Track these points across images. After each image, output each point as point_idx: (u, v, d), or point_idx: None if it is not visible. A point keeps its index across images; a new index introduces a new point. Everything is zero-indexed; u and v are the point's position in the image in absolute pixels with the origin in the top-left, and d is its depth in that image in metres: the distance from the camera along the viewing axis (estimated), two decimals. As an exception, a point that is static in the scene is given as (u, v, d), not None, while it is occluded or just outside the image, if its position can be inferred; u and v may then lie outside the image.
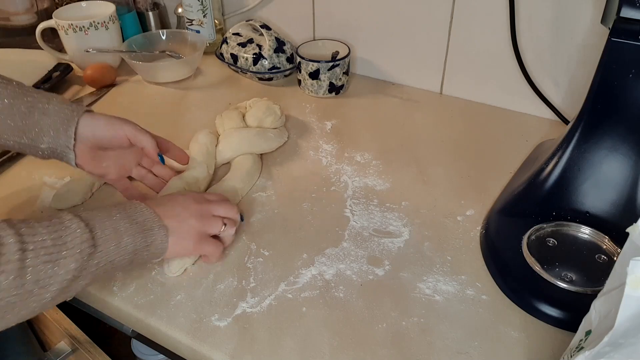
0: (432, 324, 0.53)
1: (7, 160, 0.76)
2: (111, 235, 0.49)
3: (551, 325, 0.52)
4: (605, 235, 0.58)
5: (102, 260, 0.48)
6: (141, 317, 0.55)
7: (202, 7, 0.99)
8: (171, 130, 0.83)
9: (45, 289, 0.44)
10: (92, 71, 0.94)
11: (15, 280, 0.42)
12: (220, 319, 0.54)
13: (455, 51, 0.87)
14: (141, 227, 0.52)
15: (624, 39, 0.53)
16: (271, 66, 0.93)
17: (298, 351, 0.51)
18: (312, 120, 0.86)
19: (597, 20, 0.72)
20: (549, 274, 0.54)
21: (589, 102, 0.58)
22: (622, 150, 0.57)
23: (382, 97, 0.92)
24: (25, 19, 1.07)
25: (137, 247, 0.51)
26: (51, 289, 0.44)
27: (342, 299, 0.56)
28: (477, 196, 0.69)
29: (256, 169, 0.73)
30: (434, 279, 0.58)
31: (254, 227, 0.65)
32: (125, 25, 1.05)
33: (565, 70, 0.79)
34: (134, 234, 0.51)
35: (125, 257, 0.50)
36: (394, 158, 0.76)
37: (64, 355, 0.65)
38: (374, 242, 0.62)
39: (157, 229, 0.53)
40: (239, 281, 0.58)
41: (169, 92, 0.95)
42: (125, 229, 0.50)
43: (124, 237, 0.50)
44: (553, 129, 0.81)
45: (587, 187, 0.59)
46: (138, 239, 0.51)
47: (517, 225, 0.60)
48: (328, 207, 0.68)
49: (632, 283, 0.34)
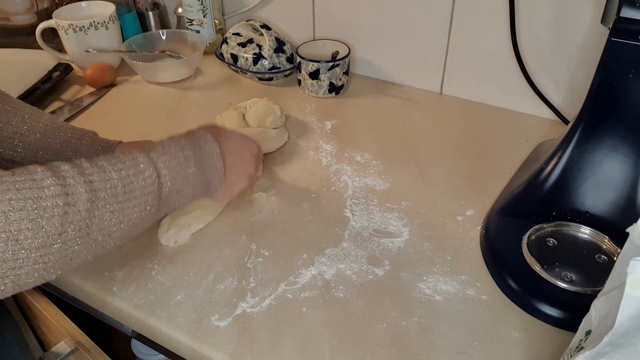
0: (432, 324, 0.53)
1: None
2: (178, 185, 0.51)
3: (551, 325, 0.52)
4: (605, 235, 0.58)
5: (163, 209, 0.50)
6: (141, 317, 0.55)
7: (202, 7, 0.99)
8: (171, 131, 0.82)
9: (108, 237, 0.45)
10: (92, 71, 0.94)
11: (82, 230, 0.42)
12: (220, 319, 0.54)
13: (455, 51, 0.87)
14: (205, 178, 0.54)
15: (624, 39, 0.53)
16: (271, 66, 0.93)
17: (298, 351, 0.51)
18: (312, 120, 0.86)
19: (597, 20, 0.72)
20: (549, 274, 0.54)
21: (589, 102, 0.58)
22: (622, 150, 0.57)
23: (382, 97, 0.92)
24: (25, 19, 1.07)
25: (195, 195, 0.54)
26: (114, 236, 0.45)
27: (342, 299, 0.56)
28: (477, 196, 0.69)
29: None
30: (434, 279, 0.58)
31: (254, 227, 0.65)
32: (125, 25, 1.05)
33: (565, 70, 0.79)
34: (197, 186, 0.53)
35: (183, 202, 0.53)
36: (394, 158, 0.76)
37: (64, 355, 0.65)
38: (374, 242, 0.62)
39: (217, 181, 0.56)
40: (239, 281, 0.58)
41: (169, 92, 0.95)
42: (192, 180, 0.52)
43: (187, 188, 0.52)
44: (553, 129, 0.81)
45: (587, 187, 0.59)
46: (198, 190, 0.54)
47: (517, 225, 0.60)
48: (328, 207, 0.68)
49: (632, 283, 0.34)
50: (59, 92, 0.95)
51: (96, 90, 0.95)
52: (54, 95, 0.94)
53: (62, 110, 0.89)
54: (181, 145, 0.52)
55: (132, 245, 0.63)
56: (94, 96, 0.93)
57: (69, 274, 0.60)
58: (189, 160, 0.52)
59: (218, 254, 0.61)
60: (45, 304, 0.68)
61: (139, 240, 0.63)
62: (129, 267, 0.60)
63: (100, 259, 0.60)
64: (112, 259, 0.61)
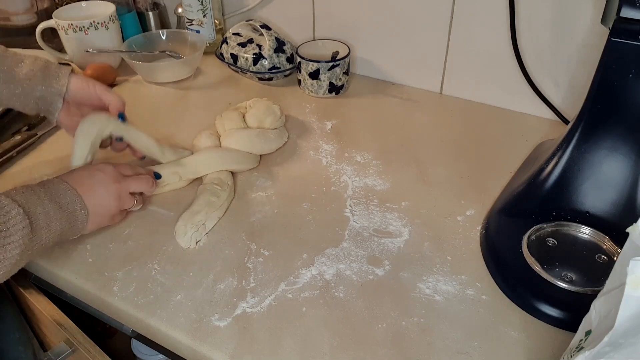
0: (432, 324, 0.53)
1: (7, 160, 0.76)
2: (44, 220, 0.52)
3: (551, 325, 0.52)
4: (605, 235, 0.58)
5: (37, 244, 0.52)
6: (141, 317, 0.55)
7: (202, 7, 0.99)
8: (171, 130, 0.83)
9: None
10: (92, 71, 0.94)
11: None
12: (220, 319, 0.54)
13: (455, 51, 0.87)
14: (66, 211, 0.55)
15: (624, 39, 0.53)
16: (271, 66, 0.93)
17: (298, 351, 0.51)
18: (312, 120, 0.86)
19: (597, 20, 0.72)
20: (549, 274, 0.54)
21: (589, 102, 0.58)
22: (622, 150, 0.57)
23: (382, 97, 0.92)
24: (25, 19, 1.07)
25: (63, 230, 0.55)
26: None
27: (342, 299, 0.56)
28: (477, 196, 0.69)
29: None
30: (434, 279, 0.58)
31: (254, 227, 0.65)
32: (125, 25, 1.05)
33: (565, 70, 0.79)
34: (61, 218, 0.55)
35: (53, 239, 0.55)
36: (394, 158, 0.76)
37: (64, 355, 0.65)
38: (374, 242, 0.62)
39: (80, 211, 0.57)
40: (239, 281, 0.58)
41: (169, 92, 0.95)
42: (54, 213, 0.54)
43: (52, 222, 0.54)
44: (553, 129, 0.81)
45: (587, 187, 0.59)
46: (64, 222, 0.55)
47: (517, 225, 0.60)
48: (328, 207, 0.68)
49: (632, 283, 0.34)
50: (59, 92, 0.95)
51: (96, 90, 0.95)
52: (54, 95, 0.94)
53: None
54: (32, 188, 0.55)
55: (132, 245, 0.63)
56: (94, 96, 0.93)
57: (69, 274, 0.60)
58: (44, 196, 0.54)
59: (218, 254, 0.61)
60: (45, 304, 0.68)
61: (138, 241, 0.63)
62: (129, 267, 0.60)
63: (101, 259, 0.61)
64: (112, 259, 0.61)
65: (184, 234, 0.62)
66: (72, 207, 0.56)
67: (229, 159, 0.73)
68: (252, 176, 0.74)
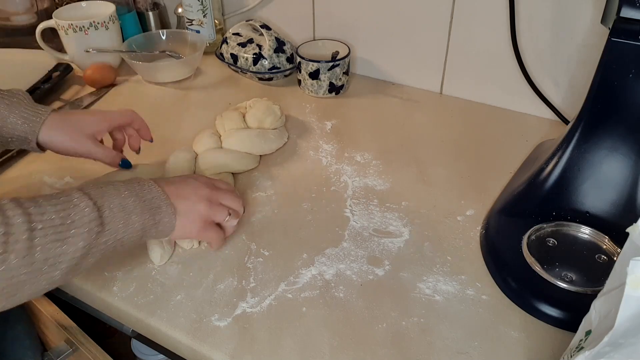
0: (432, 324, 0.53)
1: (7, 160, 0.76)
2: (119, 213, 0.49)
3: (551, 325, 0.52)
4: (605, 235, 0.58)
5: (111, 238, 0.49)
6: (141, 317, 0.55)
7: (202, 7, 0.99)
8: (171, 130, 0.83)
9: (54, 267, 0.44)
10: (92, 71, 0.94)
11: (25, 259, 0.42)
12: (220, 319, 0.54)
13: (455, 51, 0.87)
14: (149, 205, 0.52)
15: (624, 39, 0.53)
16: (271, 66, 0.93)
17: (298, 351, 0.51)
18: (312, 120, 0.86)
19: (597, 20, 0.72)
20: (549, 274, 0.54)
21: (589, 102, 0.58)
22: (622, 150, 0.57)
23: (382, 97, 0.92)
24: (25, 19, 1.07)
25: (145, 226, 0.51)
26: (60, 267, 0.45)
27: (342, 299, 0.56)
28: (477, 196, 0.69)
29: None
30: (434, 279, 0.58)
31: (254, 227, 0.65)
32: (125, 25, 1.05)
33: (565, 70, 0.79)
34: (142, 212, 0.51)
35: (134, 235, 0.51)
36: (394, 158, 0.76)
37: (64, 355, 0.65)
38: (374, 242, 0.62)
39: (165, 208, 0.53)
40: (239, 281, 0.58)
41: (169, 92, 0.95)
42: (134, 207, 0.50)
43: (132, 216, 0.50)
44: (553, 129, 0.81)
45: (587, 187, 0.59)
46: (146, 217, 0.51)
47: (517, 225, 0.60)
48: (328, 207, 0.68)
49: (632, 283, 0.34)
50: (59, 92, 0.95)
51: (96, 90, 0.95)
52: (54, 96, 0.94)
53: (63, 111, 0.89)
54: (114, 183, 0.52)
55: (132, 245, 0.63)
56: (94, 96, 0.93)
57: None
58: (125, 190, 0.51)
59: (218, 253, 0.61)
60: (45, 304, 0.68)
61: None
62: (129, 267, 0.60)
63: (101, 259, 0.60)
64: (112, 259, 0.61)
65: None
66: (156, 202, 0.52)
67: (229, 159, 0.73)
68: (252, 176, 0.74)
